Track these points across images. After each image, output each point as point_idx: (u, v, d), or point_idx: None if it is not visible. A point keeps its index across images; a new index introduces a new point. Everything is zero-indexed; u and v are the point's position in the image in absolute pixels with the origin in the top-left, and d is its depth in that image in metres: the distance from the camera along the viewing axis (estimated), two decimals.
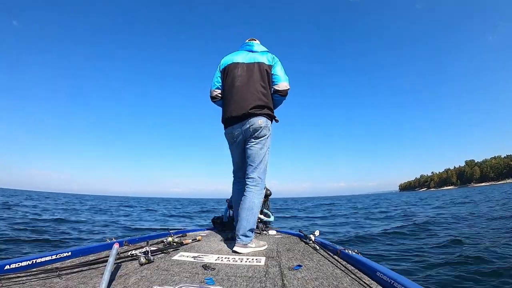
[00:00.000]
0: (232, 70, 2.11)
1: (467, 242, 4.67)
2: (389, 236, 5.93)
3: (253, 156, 2.05)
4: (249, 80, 2.06)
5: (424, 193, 73.60)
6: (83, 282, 1.18)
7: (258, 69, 2.09)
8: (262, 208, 2.96)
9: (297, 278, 1.27)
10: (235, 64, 2.12)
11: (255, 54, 2.16)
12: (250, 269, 1.43)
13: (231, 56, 2.20)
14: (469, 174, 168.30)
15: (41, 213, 10.98)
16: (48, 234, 5.86)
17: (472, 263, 3.47)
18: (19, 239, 5.09)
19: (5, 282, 1.13)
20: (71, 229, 6.93)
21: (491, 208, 10.97)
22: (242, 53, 2.19)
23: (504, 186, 66.75)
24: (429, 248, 4.48)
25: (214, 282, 1.22)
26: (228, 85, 2.12)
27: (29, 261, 1.33)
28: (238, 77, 2.07)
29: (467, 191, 47.43)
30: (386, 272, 1.17)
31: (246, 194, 2.02)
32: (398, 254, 4.21)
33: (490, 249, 4.04)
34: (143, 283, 1.18)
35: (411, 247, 4.63)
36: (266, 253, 1.83)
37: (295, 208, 20.91)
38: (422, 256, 3.97)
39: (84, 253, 1.66)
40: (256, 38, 2.36)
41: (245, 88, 2.04)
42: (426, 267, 3.46)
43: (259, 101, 2.02)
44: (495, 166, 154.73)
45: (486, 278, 2.96)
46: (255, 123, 2.00)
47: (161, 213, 14.56)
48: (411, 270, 3.39)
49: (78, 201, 29.16)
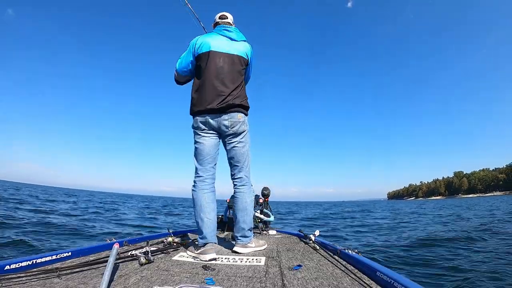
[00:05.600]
0: (212, 59, 1.93)
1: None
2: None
3: (238, 156, 1.98)
4: (230, 72, 1.95)
5: (419, 202, 73.34)
6: (83, 282, 1.18)
7: (238, 62, 2.00)
8: (262, 208, 2.97)
9: (297, 278, 1.27)
10: (215, 53, 1.94)
11: (236, 44, 2.02)
12: (250, 269, 1.43)
13: (207, 39, 1.97)
14: (457, 185, 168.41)
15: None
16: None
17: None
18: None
19: (5, 282, 1.13)
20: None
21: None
22: (220, 39, 1.99)
23: (490, 198, 65.59)
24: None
25: (214, 282, 1.22)
26: (206, 74, 1.94)
27: (29, 261, 1.33)
28: (220, 68, 1.93)
29: (455, 201, 48.50)
30: (386, 272, 1.16)
31: (237, 196, 1.98)
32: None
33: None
34: (143, 283, 1.18)
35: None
36: (266, 253, 1.83)
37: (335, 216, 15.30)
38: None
39: (84, 253, 1.66)
40: (228, 12, 2.15)
41: (227, 82, 1.93)
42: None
43: (238, 96, 1.95)
44: (483, 178, 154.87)
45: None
46: (234, 117, 1.92)
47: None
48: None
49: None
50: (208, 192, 1.90)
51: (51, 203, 14.16)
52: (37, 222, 6.37)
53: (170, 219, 11.36)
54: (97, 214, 10.61)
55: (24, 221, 6.28)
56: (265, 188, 3.11)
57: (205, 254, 1.66)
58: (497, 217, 10.37)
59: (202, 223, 1.81)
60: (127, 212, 13.01)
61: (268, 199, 3.08)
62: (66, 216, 8.68)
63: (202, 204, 1.85)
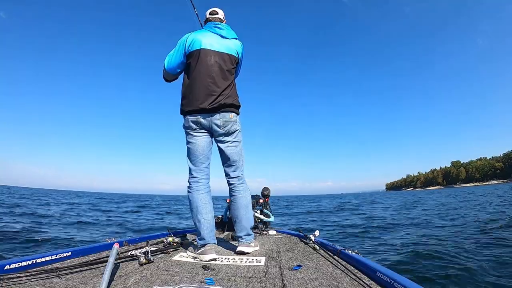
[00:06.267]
0: (204, 58, 1.90)
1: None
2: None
3: (233, 156, 1.98)
4: (221, 71, 1.93)
5: (413, 192, 72.81)
6: (83, 282, 1.18)
7: (229, 61, 1.97)
8: (262, 208, 2.97)
9: (297, 278, 1.27)
10: (206, 51, 1.91)
11: (228, 42, 1.99)
12: (250, 269, 1.43)
13: (198, 37, 1.93)
14: (455, 175, 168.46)
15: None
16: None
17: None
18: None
19: (5, 282, 1.13)
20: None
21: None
22: (211, 37, 1.96)
23: (488, 187, 66.03)
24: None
25: (214, 282, 1.22)
26: (197, 73, 1.91)
27: (29, 261, 1.33)
28: (210, 66, 1.90)
29: (452, 191, 48.20)
30: (386, 272, 1.16)
31: (237, 194, 1.98)
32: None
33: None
34: (143, 283, 1.18)
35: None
36: (266, 253, 1.83)
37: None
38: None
39: (84, 253, 1.66)
40: (219, 8, 2.12)
41: (218, 81, 1.91)
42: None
43: (229, 96, 1.93)
44: (480, 167, 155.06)
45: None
46: (225, 116, 1.91)
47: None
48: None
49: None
50: (204, 193, 1.89)
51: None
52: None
53: (170, 219, 11.35)
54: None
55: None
56: (265, 188, 3.10)
57: (204, 255, 1.68)
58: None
59: (200, 224, 1.81)
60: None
61: (268, 199, 3.08)
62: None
63: (198, 205, 1.85)
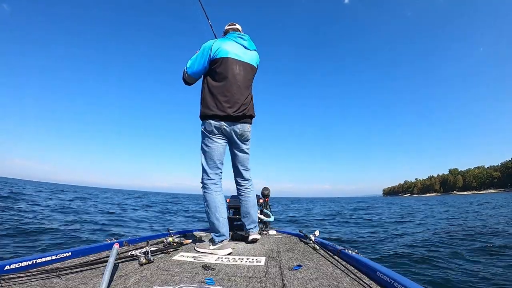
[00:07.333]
0: (230, 65, 1.97)
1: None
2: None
3: (245, 160, 2.19)
4: (245, 82, 2.04)
5: (410, 199, 73.04)
6: (83, 282, 1.18)
7: (251, 71, 2.10)
8: (262, 208, 2.96)
9: (297, 278, 1.27)
10: (233, 60, 1.98)
11: (250, 53, 2.11)
12: (250, 269, 1.43)
13: (223, 44, 1.98)
14: (452, 183, 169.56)
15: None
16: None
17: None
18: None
19: (5, 282, 1.13)
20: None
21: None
22: (235, 46, 2.03)
23: (484, 195, 66.06)
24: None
25: (214, 282, 1.22)
26: (223, 81, 1.96)
27: (29, 261, 1.33)
28: (237, 75, 1.99)
29: (448, 199, 48.50)
30: (386, 272, 1.16)
31: (249, 194, 2.22)
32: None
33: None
34: (143, 283, 1.18)
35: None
36: (266, 253, 1.83)
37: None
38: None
39: (84, 253, 1.66)
40: (237, 23, 2.23)
41: (242, 90, 2.01)
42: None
43: (250, 106, 2.08)
44: (477, 176, 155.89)
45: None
46: (244, 127, 2.06)
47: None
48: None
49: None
50: (221, 193, 2.05)
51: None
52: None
53: (170, 219, 11.35)
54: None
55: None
56: (265, 188, 3.10)
57: (224, 249, 1.85)
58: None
59: (219, 222, 1.96)
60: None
61: (268, 199, 3.07)
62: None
63: (217, 205, 1.99)
